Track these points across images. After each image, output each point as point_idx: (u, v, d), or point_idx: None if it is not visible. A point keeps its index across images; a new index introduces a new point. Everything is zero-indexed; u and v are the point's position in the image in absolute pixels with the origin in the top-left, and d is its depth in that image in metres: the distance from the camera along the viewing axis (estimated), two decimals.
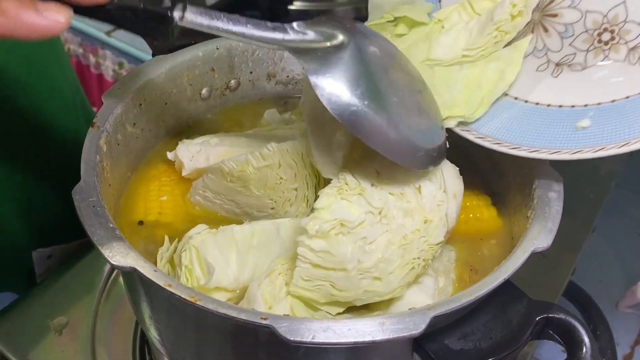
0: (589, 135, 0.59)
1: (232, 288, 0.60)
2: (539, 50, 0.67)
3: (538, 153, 0.60)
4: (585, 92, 0.62)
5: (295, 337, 0.47)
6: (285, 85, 0.86)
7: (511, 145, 0.62)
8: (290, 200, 0.66)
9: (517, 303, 0.55)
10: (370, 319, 0.48)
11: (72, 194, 0.56)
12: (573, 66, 0.64)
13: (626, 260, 1.16)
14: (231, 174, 0.64)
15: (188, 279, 0.58)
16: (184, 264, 0.59)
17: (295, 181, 0.65)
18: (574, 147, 0.58)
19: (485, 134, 0.65)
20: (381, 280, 0.56)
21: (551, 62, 0.66)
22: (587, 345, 0.52)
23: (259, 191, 0.65)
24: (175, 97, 0.77)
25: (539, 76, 0.66)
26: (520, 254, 0.55)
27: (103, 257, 0.52)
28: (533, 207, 0.62)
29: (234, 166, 0.64)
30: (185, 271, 0.59)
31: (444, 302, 0.51)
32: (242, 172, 0.64)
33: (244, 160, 0.63)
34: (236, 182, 0.65)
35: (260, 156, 0.64)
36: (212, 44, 0.79)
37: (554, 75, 0.65)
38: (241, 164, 0.64)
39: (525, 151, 0.61)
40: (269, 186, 0.65)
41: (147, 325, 0.63)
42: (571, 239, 1.06)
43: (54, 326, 0.82)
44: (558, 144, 0.60)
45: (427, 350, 0.52)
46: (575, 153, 0.58)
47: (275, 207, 0.66)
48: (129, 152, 0.71)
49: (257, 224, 0.63)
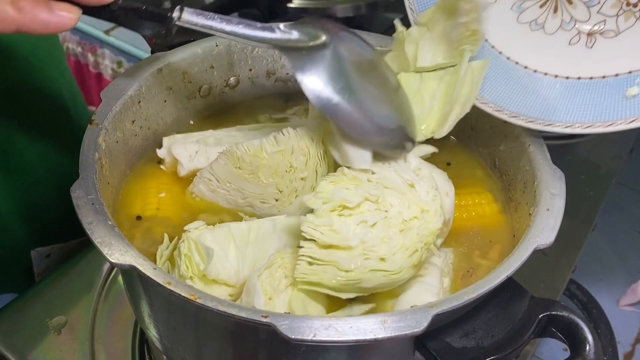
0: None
1: (232, 283, 0.59)
2: (567, 23, 0.65)
3: (592, 128, 0.59)
4: (625, 59, 0.61)
5: (296, 335, 0.46)
6: (285, 82, 0.86)
7: (564, 124, 0.61)
8: (297, 191, 0.66)
9: (519, 301, 0.55)
10: (372, 317, 0.48)
11: (71, 191, 0.56)
12: (605, 33, 0.63)
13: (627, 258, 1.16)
14: (242, 159, 0.65)
15: (188, 267, 0.59)
16: (183, 253, 0.59)
17: (305, 169, 0.66)
18: (629, 117, 0.57)
19: (535, 117, 0.64)
20: (386, 261, 0.56)
21: (582, 33, 0.64)
22: (591, 344, 0.51)
23: (267, 179, 0.65)
24: (174, 94, 0.77)
25: (574, 50, 0.65)
26: (522, 251, 0.55)
27: (101, 254, 0.52)
28: (535, 204, 0.61)
29: (247, 150, 0.65)
30: (184, 259, 0.59)
31: (446, 299, 0.50)
32: (255, 156, 0.65)
33: (258, 145, 0.65)
34: (245, 169, 0.65)
35: (274, 140, 0.65)
36: (211, 42, 0.78)
37: (588, 46, 0.64)
38: (255, 148, 0.65)
39: (579, 128, 0.60)
40: (278, 174, 0.65)
41: (147, 324, 0.63)
42: (572, 236, 1.06)
43: (53, 325, 0.82)
44: (610, 115, 0.58)
45: (429, 349, 0.52)
46: (631, 122, 0.56)
47: (279, 199, 0.66)
48: (128, 149, 0.71)
49: (253, 222, 0.63)
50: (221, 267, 0.59)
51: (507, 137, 0.72)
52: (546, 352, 0.96)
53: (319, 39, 0.61)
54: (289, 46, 0.62)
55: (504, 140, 0.72)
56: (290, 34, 0.61)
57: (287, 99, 0.86)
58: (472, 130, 0.77)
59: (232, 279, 0.59)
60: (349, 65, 0.62)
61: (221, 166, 0.66)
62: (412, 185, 0.61)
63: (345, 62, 0.62)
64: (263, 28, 0.61)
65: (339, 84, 0.60)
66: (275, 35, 0.61)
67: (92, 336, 0.81)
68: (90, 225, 0.53)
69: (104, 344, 0.81)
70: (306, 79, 0.59)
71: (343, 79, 0.61)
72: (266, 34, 0.61)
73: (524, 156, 0.68)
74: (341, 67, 0.61)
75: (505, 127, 0.72)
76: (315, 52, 0.61)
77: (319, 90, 0.59)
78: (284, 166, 0.65)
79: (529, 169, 0.66)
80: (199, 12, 0.60)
